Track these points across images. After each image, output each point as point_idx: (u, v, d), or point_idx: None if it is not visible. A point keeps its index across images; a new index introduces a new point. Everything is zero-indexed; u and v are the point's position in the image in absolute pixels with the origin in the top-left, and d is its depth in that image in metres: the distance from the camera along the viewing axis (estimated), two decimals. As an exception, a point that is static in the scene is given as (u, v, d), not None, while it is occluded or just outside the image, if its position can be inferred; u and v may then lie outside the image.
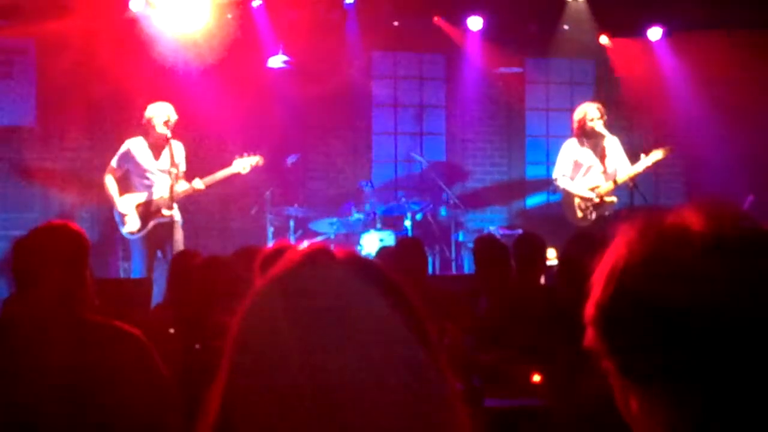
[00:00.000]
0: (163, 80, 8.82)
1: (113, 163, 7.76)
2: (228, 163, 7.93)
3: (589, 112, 8.09)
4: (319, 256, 1.09)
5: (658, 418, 1.07)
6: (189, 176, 7.81)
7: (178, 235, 7.69)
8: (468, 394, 3.73)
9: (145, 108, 7.72)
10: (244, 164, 7.93)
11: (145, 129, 7.69)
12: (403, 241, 7.14)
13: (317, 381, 0.98)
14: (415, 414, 1.00)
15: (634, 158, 8.02)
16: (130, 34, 9.03)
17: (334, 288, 1.05)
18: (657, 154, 7.92)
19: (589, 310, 1.13)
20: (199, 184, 7.71)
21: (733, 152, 10.12)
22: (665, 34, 10.44)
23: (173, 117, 7.64)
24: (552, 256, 7.81)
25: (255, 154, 7.99)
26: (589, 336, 1.13)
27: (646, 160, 7.90)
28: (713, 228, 1.07)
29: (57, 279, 2.80)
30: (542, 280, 5.99)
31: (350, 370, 0.98)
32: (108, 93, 9.23)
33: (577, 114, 8.20)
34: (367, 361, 0.99)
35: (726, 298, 1.03)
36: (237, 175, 8.01)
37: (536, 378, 3.92)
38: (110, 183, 7.74)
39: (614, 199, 8.12)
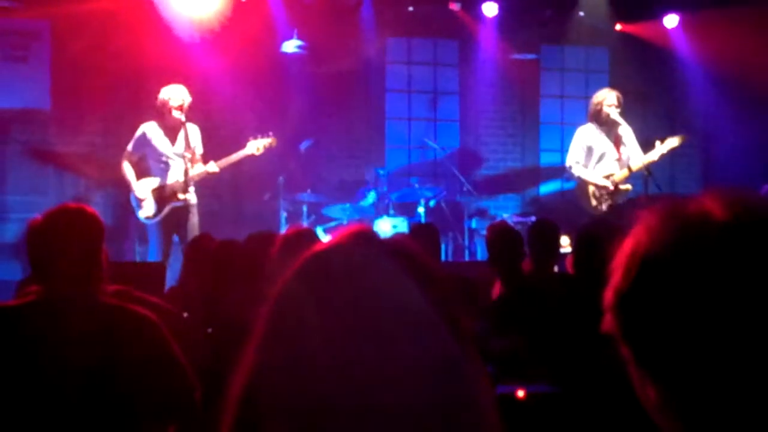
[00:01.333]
0: (179, 64, 8.83)
1: (129, 147, 7.76)
2: (242, 146, 7.93)
3: (609, 98, 8.08)
4: (362, 238, 1.09)
5: (674, 408, 1.07)
6: (204, 160, 7.82)
7: (194, 219, 7.71)
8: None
9: (159, 90, 7.72)
10: (257, 145, 7.93)
11: (159, 112, 7.68)
12: (417, 227, 7.13)
13: (347, 370, 0.98)
14: (446, 407, 0.99)
15: (648, 146, 7.98)
16: (145, 18, 9.04)
17: (372, 274, 1.04)
18: (672, 142, 7.89)
19: (608, 296, 1.12)
20: (213, 167, 7.72)
21: (751, 140, 10.07)
22: (681, 21, 10.39)
23: (187, 100, 7.63)
24: (565, 244, 7.79)
25: (268, 136, 7.99)
26: (608, 322, 1.12)
27: (662, 148, 7.86)
28: (734, 216, 1.06)
29: (71, 262, 2.81)
30: (555, 268, 5.98)
31: (380, 360, 0.98)
32: (123, 76, 9.25)
33: (596, 97, 8.19)
34: (397, 352, 0.99)
35: (747, 288, 1.02)
36: (251, 159, 8.00)
37: (520, 393, 3.90)
38: (127, 168, 7.74)
39: (629, 186, 8.09)
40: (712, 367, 1.03)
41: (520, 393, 3.92)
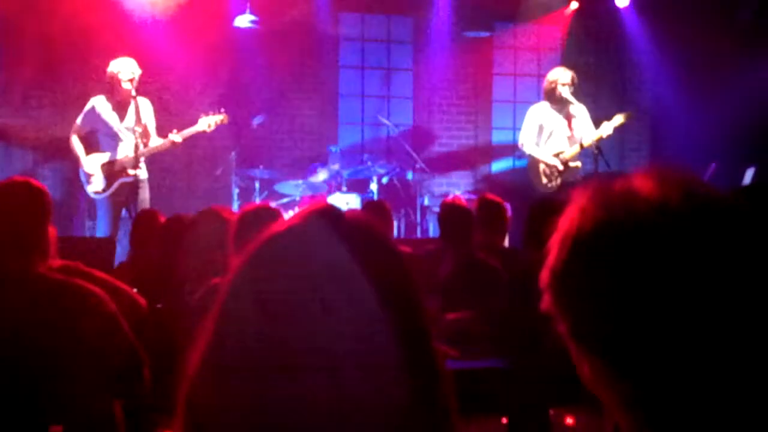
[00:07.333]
0: (128, 37, 8.70)
1: (78, 121, 7.66)
2: (194, 121, 7.85)
3: (562, 77, 8.17)
4: (318, 218, 1.09)
5: (606, 384, 1.09)
6: (157, 135, 7.72)
7: (145, 194, 7.63)
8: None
9: (108, 64, 7.61)
10: (209, 122, 7.83)
11: (109, 86, 7.58)
12: (369, 204, 7.14)
13: (297, 352, 0.99)
14: (391, 388, 1.01)
15: (599, 125, 8.07)
16: (95, -10, 8.90)
17: (324, 256, 1.05)
18: (618, 119, 7.99)
19: (545, 274, 1.14)
20: (177, 137, 7.61)
21: (699, 119, 10.20)
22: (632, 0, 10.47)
23: (138, 73, 7.52)
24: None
25: (220, 113, 7.91)
26: (545, 300, 1.14)
27: (608, 125, 7.96)
28: (661, 194, 1.07)
29: (16, 235, 2.78)
30: (506, 243, 6.05)
31: (327, 343, 0.99)
32: (71, 49, 9.11)
33: (551, 76, 8.28)
34: (342, 336, 1.00)
35: (671, 266, 1.03)
36: (203, 134, 7.90)
37: (569, 421, 3.89)
38: (76, 142, 7.64)
39: (578, 164, 8.18)
40: (640, 341, 1.05)
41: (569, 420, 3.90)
